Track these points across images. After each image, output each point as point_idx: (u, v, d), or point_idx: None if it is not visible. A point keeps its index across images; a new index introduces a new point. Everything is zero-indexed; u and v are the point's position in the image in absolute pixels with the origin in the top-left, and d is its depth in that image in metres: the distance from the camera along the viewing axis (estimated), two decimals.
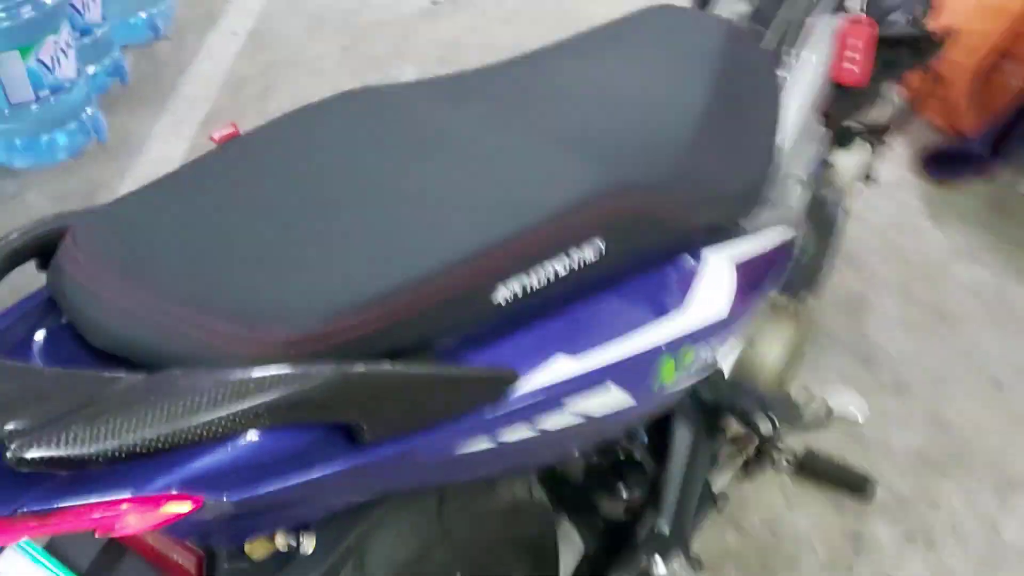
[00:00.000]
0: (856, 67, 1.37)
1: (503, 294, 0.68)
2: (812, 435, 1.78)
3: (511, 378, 0.67)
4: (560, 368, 0.72)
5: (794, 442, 1.48)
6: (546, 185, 0.71)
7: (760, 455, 1.42)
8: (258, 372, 0.54)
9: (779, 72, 1.33)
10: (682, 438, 1.16)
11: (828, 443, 1.89)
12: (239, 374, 0.53)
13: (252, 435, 0.58)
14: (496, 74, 0.97)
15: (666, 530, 1.18)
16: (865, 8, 1.38)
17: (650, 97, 0.94)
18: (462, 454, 0.68)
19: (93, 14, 2.84)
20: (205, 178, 0.71)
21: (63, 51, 2.55)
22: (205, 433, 0.53)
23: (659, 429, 1.21)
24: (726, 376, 1.22)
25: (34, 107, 2.55)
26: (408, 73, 3.11)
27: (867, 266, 2.35)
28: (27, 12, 2.42)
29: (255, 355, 0.56)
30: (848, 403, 1.40)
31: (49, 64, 2.52)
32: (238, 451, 0.58)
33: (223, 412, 0.53)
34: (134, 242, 0.63)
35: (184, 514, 0.56)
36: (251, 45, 3.28)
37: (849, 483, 1.41)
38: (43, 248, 0.68)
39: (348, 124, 0.79)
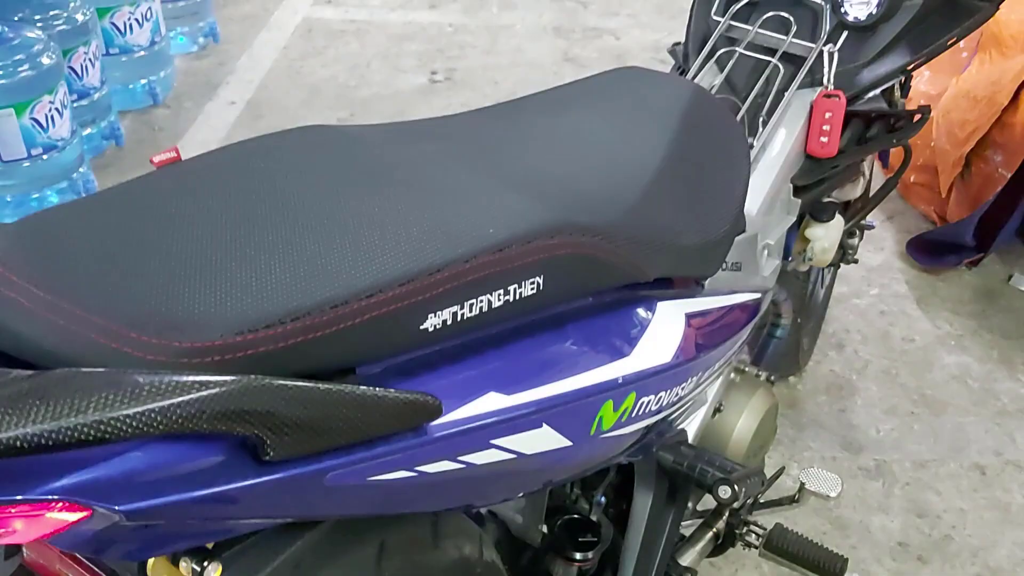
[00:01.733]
0: (828, 138, 1.38)
1: (432, 322, 0.66)
2: (790, 516, 1.74)
3: (434, 408, 0.65)
4: (491, 405, 0.70)
5: (767, 520, 1.44)
6: (487, 219, 0.70)
7: (730, 531, 1.38)
8: (156, 376, 0.52)
9: (752, 141, 1.34)
10: (642, 503, 1.12)
11: (807, 526, 1.85)
12: (136, 376, 0.51)
13: (147, 444, 0.55)
14: (455, 120, 0.97)
15: None
16: (837, 83, 1.39)
17: (611, 149, 0.94)
18: (376, 482, 0.65)
19: (92, 77, 2.88)
20: (134, 196, 0.70)
21: (58, 111, 2.58)
22: (94, 434, 0.50)
23: (620, 494, 1.17)
24: (690, 441, 1.19)
25: (26, 164, 2.57)
26: None
27: (852, 349, 2.33)
28: (24, 70, 2.45)
29: (160, 363, 0.54)
30: (821, 479, 1.37)
31: (43, 123, 2.55)
32: (132, 460, 0.55)
33: (115, 413, 0.50)
34: (48, 250, 0.62)
35: (73, 523, 0.53)
36: (248, 114, 3.32)
37: (823, 563, 1.36)
38: None
39: (294, 154, 0.78)
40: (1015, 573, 1.77)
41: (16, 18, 2.62)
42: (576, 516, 1.10)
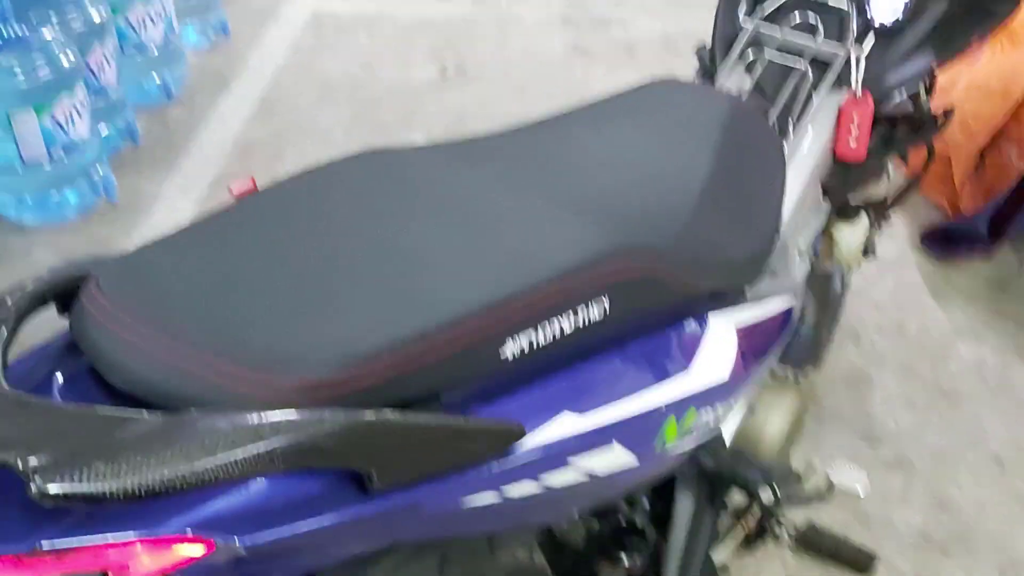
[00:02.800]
0: (855, 142, 1.40)
1: (511, 349, 0.68)
2: (814, 510, 1.77)
3: (518, 433, 0.68)
4: (566, 425, 0.73)
5: (796, 517, 1.47)
6: (554, 245, 0.73)
7: (761, 528, 1.41)
8: (273, 416, 0.54)
9: (783, 144, 1.36)
10: (684, 506, 1.15)
11: (830, 519, 1.87)
12: (255, 418, 0.54)
13: (265, 480, 0.58)
14: (504, 139, 0.99)
15: None
16: (864, 85, 1.41)
17: (656, 166, 0.96)
18: (467, 508, 0.68)
19: (108, 76, 2.89)
20: (223, 230, 0.72)
21: (77, 111, 2.60)
22: (221, 475, 0.53)
23: (661, 496, 1.20)
24: (727, 444, 1.22)
25: (46, 165, 2.59)
26: (417, 142, 3.16)
27: (869, 342, 2.36)
28: (44, 72, 2.47)
29: (270, 400, 0.57)
30: (849, 477, 1.40)
31: (63, 123, 2.57)
32: (251, 495, 0.58)
33: (239, 455, 0.53)
34: (155, 288, 0.64)
35: (197, 558, 0.56)
36: (262, 111, 3.34)
37: (851, 558, 1.39)
38: (64, 292, 0.69)
39: (360, 183, 0.80)
40: None
41: (33, 19, 2.62)
42: (621, 519, 1.12)
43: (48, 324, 0.75)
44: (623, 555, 1.11)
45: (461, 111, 3.36)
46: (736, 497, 1.31)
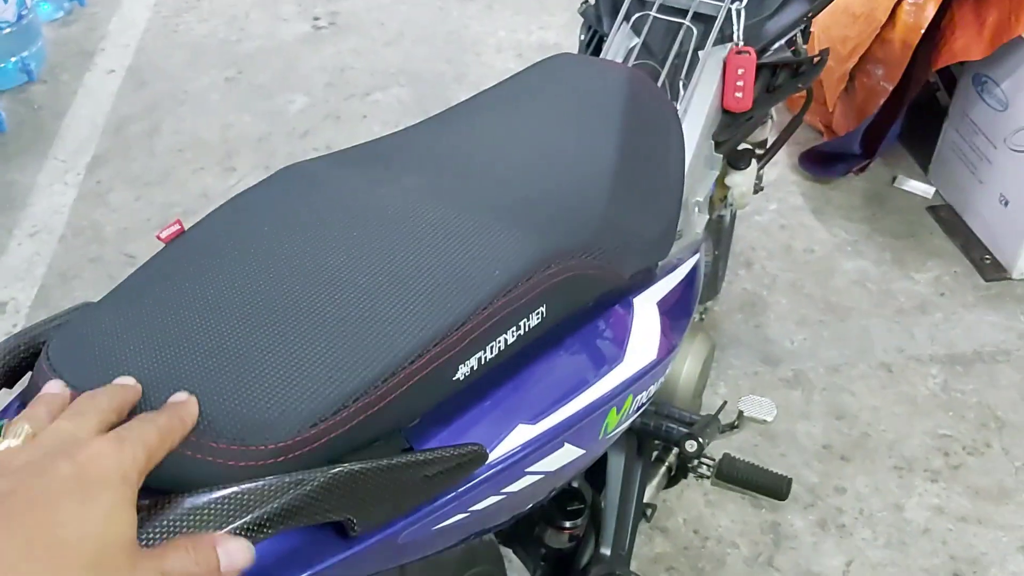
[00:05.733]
0: (741, 93, 1.46)
1: (462, 371, 0.72)
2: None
3: (482, 456, 0.72)
4: (522, 437, 0.77)
5: (710, 447, 1.56)
6: (492, 261, 0.75)
7: (683, 466, 1.50)
8: (256, 485, 0.56)
9: (676, 105, 1.40)
10: (616, 465, 1.22)
11: (739, 441, 1.99)
12: (238, 491, 0.56)
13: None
14: (414, 139, 1.00)
15: (608, 552, 1.24)
16: (746, 39, 1.46)
17: (566, 155, 0.99)
18: (437, 529, 0.71)
19: None
20: (160, 282, 0.72)
21: None
22: None
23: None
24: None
25: None
26: (298, 103, 3.10)
27: (759, 266, 2.47)
28: None
29: (247, 467, 0.58)
30: (759, 407, 1.49)
31: None
32: None
33: (232, 525, 0.55)
34: (106, 360, 0.64)
35: None
36: (131, 82, 3.21)
37: (768, 484, 1.49)
38: (12, 368, 0.68)
39: (285, 211, 0.80)
40: (928, 461, 1.96)
41: None
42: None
43: None
44: (567, 522, 1.18)
45: (340, 64, 3.31)
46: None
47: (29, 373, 0.69)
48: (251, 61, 3.34)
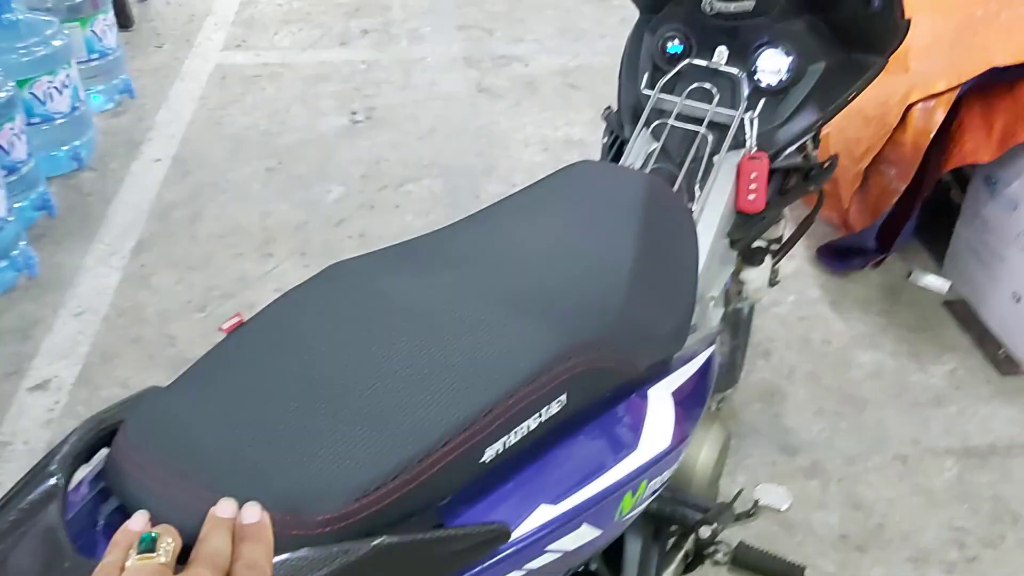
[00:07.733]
0: (754, 196, 1.56)
1: (488, 454, 0.80)
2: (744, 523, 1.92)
3: (505, 534, 0.79)
4: (543, 516, 0.84)
5: (727, 534, 1.61)
6: (514, 352, 0.84)
7: (699, 552, 1.54)
8: (308, 554, 0.64)
9: (692, 206, 1.50)
10: (633, 550, 1.28)
11: (758, 530, 2.03)
12: (292, 559, 0.64)
13: None
14: (447, 239, 1.10)
15: None
16: (759, 145, 1.56)
17: (587, 254, 1.08)
18: None
19: (19, 151, 2.90)
20: (225, 369, 0.81)
21: None
22: None
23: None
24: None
25: None
26: (335, 193, 3.24)
27: (777, 356, 2.54)
28: None
29: (298, 537, 0.66)
30: (774, 495, 1.54)
31: None
32: None
33: None
34: (177, 437, 0.73)
35: None
36: (176, 171, 3.37)
37: (782, 573, 1.54)
38: (95, 446, 0.77)
39: (334, 305, 0.90)
40: (944, 552, 1.99)
41: None
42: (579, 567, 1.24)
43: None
44: None
45: (375, 157, 3.45)
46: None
47: (105, 449, 0.77)
48: (291, 152, 3.50)
